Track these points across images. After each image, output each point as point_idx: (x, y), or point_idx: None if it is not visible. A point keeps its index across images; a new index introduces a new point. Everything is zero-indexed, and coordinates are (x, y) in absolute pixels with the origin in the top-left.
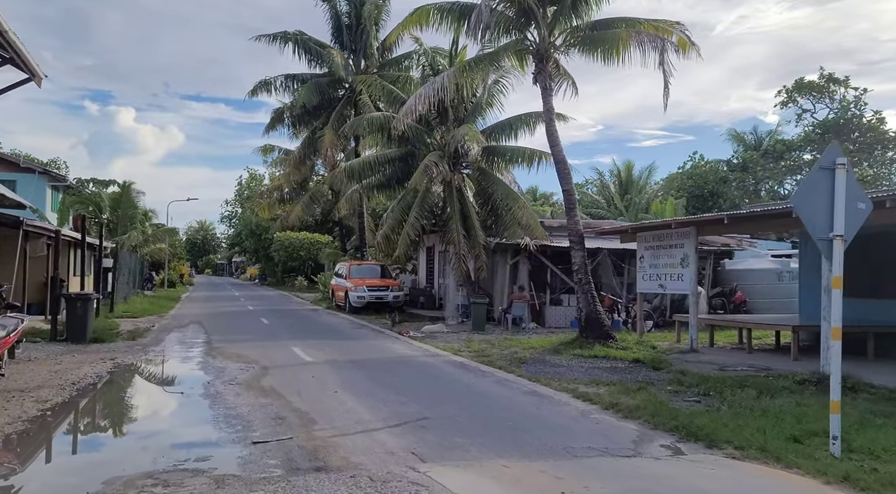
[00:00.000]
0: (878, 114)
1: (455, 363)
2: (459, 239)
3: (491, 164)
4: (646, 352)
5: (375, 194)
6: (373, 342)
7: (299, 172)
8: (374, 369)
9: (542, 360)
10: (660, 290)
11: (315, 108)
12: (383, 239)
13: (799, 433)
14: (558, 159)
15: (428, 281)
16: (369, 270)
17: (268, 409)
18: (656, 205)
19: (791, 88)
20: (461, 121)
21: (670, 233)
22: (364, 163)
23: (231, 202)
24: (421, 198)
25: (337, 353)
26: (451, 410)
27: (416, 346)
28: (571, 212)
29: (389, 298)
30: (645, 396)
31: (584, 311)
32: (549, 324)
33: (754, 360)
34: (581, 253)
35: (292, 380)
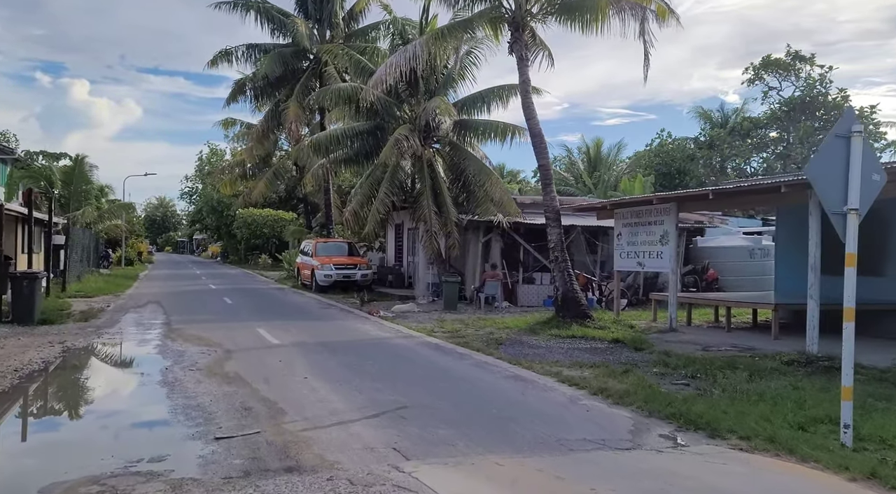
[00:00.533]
0: (842, 92)
1: (430, 345)
2: (431, 215)
3: (463, 139)
4: (624, 332)
5: (343, 169)
6: (342, 322)
7: (262, 147)
8: (345, 352)
9: (519, 341)
10: (638, 268)
11: (278, 80)
12: (351, 215)
13: (803, 420)
14: (534, 133)
15: (397, 260)
16: (336, 248)
17: (232, 399)
18: (625, 183)
19: (758, 66)
20: (432, 93)
21: (650, 209)
22: (331, 137)
23: (191, 178)
24: (391, 174)
25: (305, 335)
26: (430, 397)
27: (388, 327)
28: (547, 188)
29: (357, 277)
30: (633, 380)
31: (560, 290)
32: (522, 303)
33: (735, 339)
34: (557, 230)
35: (258, 365)
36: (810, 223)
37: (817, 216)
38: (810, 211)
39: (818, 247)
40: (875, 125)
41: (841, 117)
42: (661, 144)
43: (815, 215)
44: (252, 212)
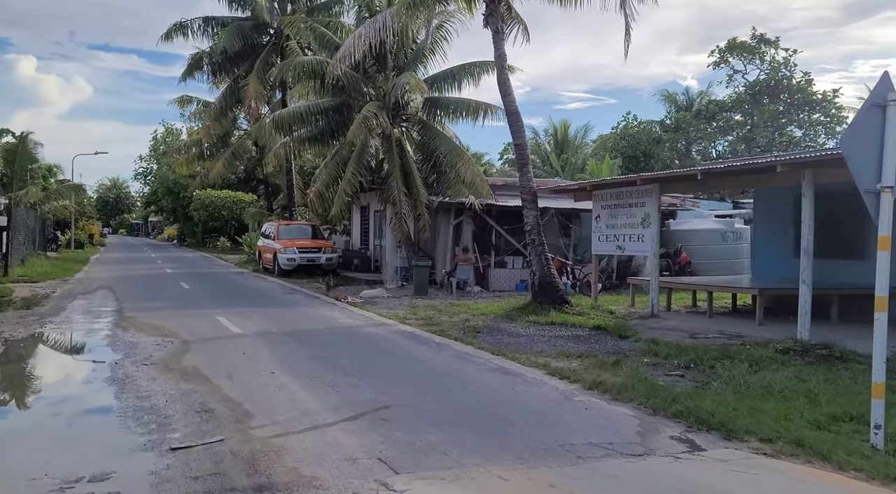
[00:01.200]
0: (807, 76)
1: (405, 333)
2: (400, 197)
3: (433, 117)
4: (605, 318)
5: (307, 148)
6: (308, 309)
7: (220, 125)
8: (314, 342)
9: (497, 329)
10: (618, 252)
11: (237, 55)
12: (316, 196)
13: (822, 418)
14: (510, 110)
15: (363, 243)
16: (299, 230)
17: (190, 398)
18: (592, 165)
19: (724, 48)
20: (401, 69)
21: (631, 190)
22: (294, 114)
23: (145, 158)
24: (358, 153)
25: (270, 323)
26: (413, 394)
27: (358, 314)
28: (524, 169)
29: (322, 260)
30: (627, 372)
31: (537, 275)
32: (494, 288)
33: (720, 325)
34: (534, 212)
35: (220, 358)
36: (803, 204)
37: (810, 197)
38: (803, 192)
39: (811, 229)
40: (837, 109)
41: (876, 84)
42: (626, 127)
43: (808, 196)
44: (210, 194)
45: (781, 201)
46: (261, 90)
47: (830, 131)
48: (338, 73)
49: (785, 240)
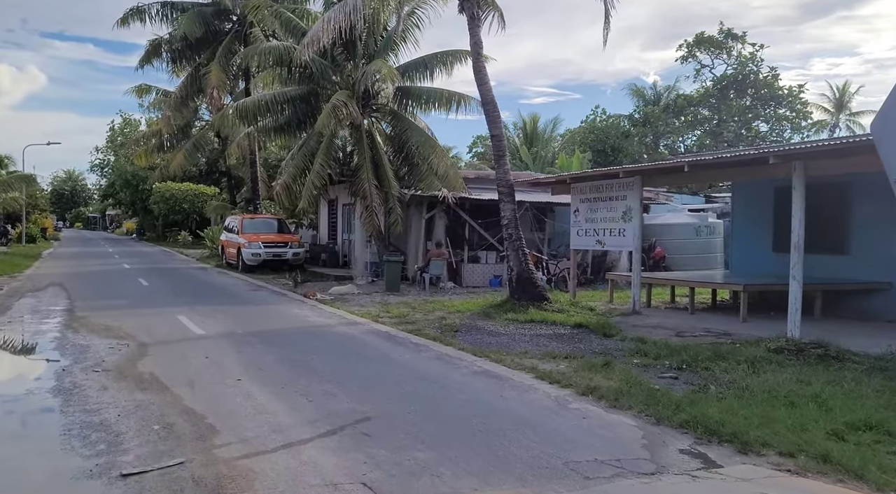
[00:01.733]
0: (773, 71)
1: (380, 333)
2: (371, 190)
3: (405, 108)
4: (586, 316)
5: (272, 138)
6: (276, 307)
7: (181, 115)
8: (283, 344)
9: (475, 327)
10: (597, 247)
11: (198, 42)
12: (283, 189)
13: (838, 426)
14: (487, 100)
15: (330, 237)
16: (265, 224)
17: (147, 411)
18: (562, 159)
19: (692, 43)
20: (371, 57)
21: (611, 183)
22: (259, 103)
23: (102, 149)
24: (326, 144)
25: (235, 323)
26: (395, 403)
27: (328, 312)
28: (501, 161)
29: (289, 256)
30: (619, 375)
31: (515, 271)
32: (467, 283)
33: (704, 322)
34: (511, 206)
35: (180, 364)
36: (794, 198)
37: (801, 190)
38: (794, 185)
39: (801, 224)
40: (802, 104)
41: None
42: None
43: (798, 189)
44: (170, 186)
45: (760, 195)
46: (223, 79)
47: (796, 127)
48: (305, 59)
49: (764, 235)
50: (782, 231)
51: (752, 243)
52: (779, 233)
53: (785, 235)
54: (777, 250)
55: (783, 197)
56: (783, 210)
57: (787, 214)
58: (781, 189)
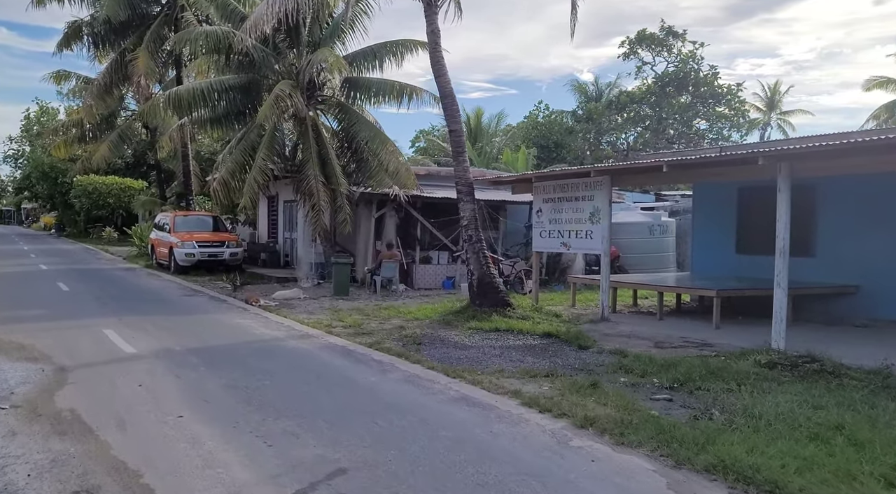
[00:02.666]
0: (713, 69)
1: (336, 348)
2: (318, 187)
3: (353, 100)
4: (553, 323)
5: (208, 130)
6: (216, 316)
7: (104, 104)
8: (230, 365)
9: (439, 339)
10: (562, 249)
11: (123, 26)
12: (221, 185)
13: (886, 470)
14: (445, 92)
15: (271, 236)
16: (199, 222)
17: (66, 469)
18: (507, 155)
19: (633, 40)
20: (316, 45)
21: (577, 183)
22: (193, 92)
23: (16, 139)
24: (269, 138)
25: (171, 337)
26: (371, 446)
27: (275, 322)
28: (460, 158)
29: (226, 256)
30: (613, 399)
31: (475, 275)
32: (419, 285)
33: (678, 330)
34: (471, 205)
35: (108, 395)
36: (779, 200)
37: (787, 192)
38: (779, 186)
39: (787, 227)
40: (740, 102)
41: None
42: (530, 117)
43: (784, 191)
44: (93, 180)
45: (723, 195)
46: (151, 66)
47: (735, 125)
48: (247, 45)
49: (726, 236)
50: (746, 232)
51: (714, 244)
52: (742, 234)
53: (749, 237)
54: (740, 252)
55: (747, 197)
56: (747, 211)
57: (752, 215)
58: (746, 189)
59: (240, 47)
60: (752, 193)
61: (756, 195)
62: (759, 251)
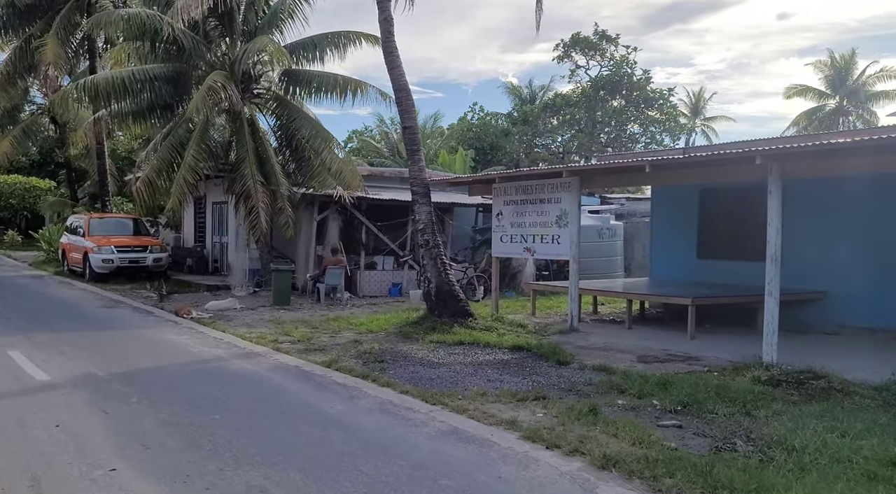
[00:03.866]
0: (646, 73)
1: (290, 370)
2: (257, 187)
3: (292, 94)
4: (519, 335)
5: (130, 125)
6: (144, 331)
7: (6, 96)
8: (169, 395)
9: (402, 355)
10: (525, 255)
11: (29, 9)
12: (145, 185)
13: None
14: (399, 86)
15: (198, 240)
16: (118, 225)
17: None
18: (444, 156)
19: (568, 43)
20: (251, 34)
21: (542, 184)
22: (113, 81)
23: None
24: (200, 134)
25: (93, 360)
26: None
27: (213, 337)
28: (415, 157)
29: (148, 261)
30: (624, 430)
31: (433, 283)
32: (365, 293)
33: (652, 340)
34: (427, 208)
35: (16, 440)
36: (770, 202)
37: (778, 193)
38: (770, 188)
39: (779, 233)
40: (672, 107)
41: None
42: (463, 119)
43: (775, 193)
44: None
45: (684, 198)
46: (61, 54)
47: (668, 129)
48: (176, 30)
49: (688, 240)
50: (708, 236)
51: (674, 249)
52: (704, 238)
53: (711, 241)
54: (702, 256)
55: (710, 200)
56: (710, 214)
57: (714, 219)
58: (709, 191)
59: (167, 33)
60: (716, 195)
61: (719, 197)
62: (722, 256)
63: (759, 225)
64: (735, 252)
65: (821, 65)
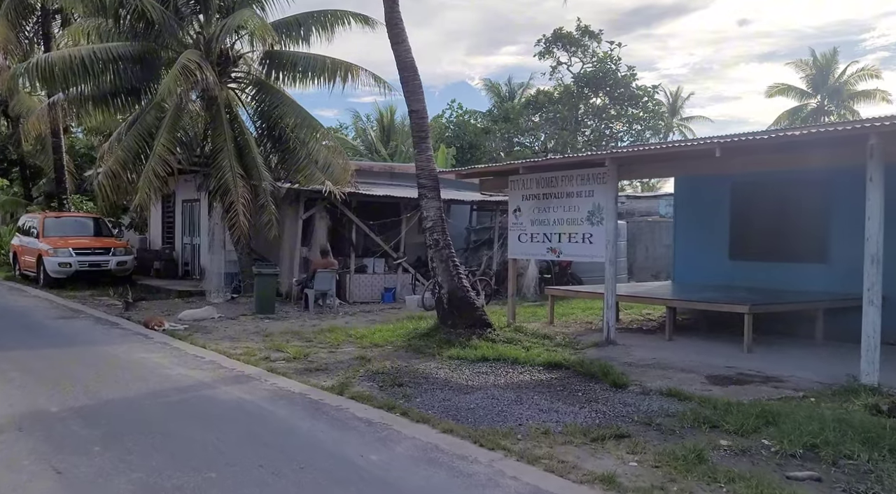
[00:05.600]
0: (631, 70)
1: (295, 399)
2: (236, 182)
3: (275, 78)
4: (549, 349)
5: (91, 111)
6: (108, 348)
7: None
8: (142, 441)
9: (423, 376)
10: (549, 256)
11: None
12: (109, 178)
13: None
14: (405, 64)
15: (166, 241)
16: (76, 225)
17: None
18: None
19: (549, 38)
20: (229, 10)
21: (570, 175)
22: (70, 60)
23: None
24: (172, 120)
25: (45, 388)
26: None
27: (192, 354)
28: (423, 145)
29: (112, 265)
30: (754, 489)
31: (445, 288)
32: (355, 298)
33: (708, 355)
34: (436, 202)
35: None
36: (869, 191)
37: (879, 181)
38: (870, 174)
39: (881, 228)
40: (656, 104)
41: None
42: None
43: (876, 180)
44: None
45: (711, 195)
46: (12, 39)
47: (653, 127)
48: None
49: (717, 241)
50: (743, 235)
51: (703, 249)
52: (738, 237)
53: (746, 240)
54: (735, 257)
55: (743, 195)
56: (743, 210)
57: (749, 215)
58: (741, 185)
59: (134, 4)
60: (749, 189)
61: (754, 192)
62: (757, 256)
63: (800, 222)
64: (773, 252)
65: (802, 64)
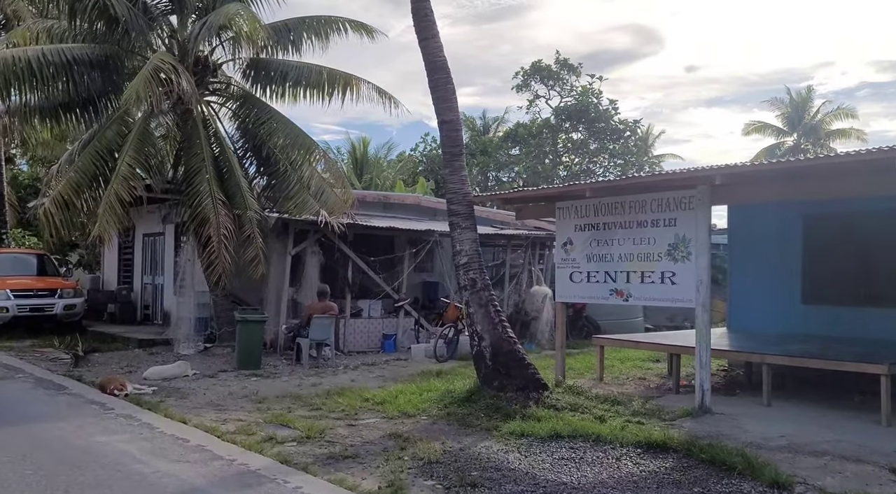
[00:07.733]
0: (613, 104)
1: None
2: (217, 210)
3: (263, 90)
4: (627, 419)
5: (39, 125)
6: (53, 429)
7: None
8: None
9: (495, 466)
10: (615, 300)
11: None
12: (56, 206)
13: None
14: (435, 65)
15: (123, 281)
16: (15, 263)
17: None
18: (400, 187)
19: (528, 71)
20: (206, 10)
21: (643, 200)
22: (14, 62)
23: None
24: (140, 134)
25: None
26: None
27: (169, 435)
28: (455, 163)
29: (58, 309)
30: None
31: (487, 340)
32: (351, 348)
33: (836, 432)
34: (472, 233)
35: None
36: None
37: None
38: None
39: None
40: (640, 139)
41: None
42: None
43: None
44: None
45: (777, 228)
46: None
47: (637, 164)
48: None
49: (787, 281)
50: (821, 276)
51: (767, 291)
52: (812, 278)
53: (825, 282)
54: (809, 301)
55: (820, 229)
56: (820, 247)
57: (828, 253)
58: (816, 218)
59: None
60: (828, 223)
61: (834, 226)
62: (841, 301)
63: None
64: (862, 296)
65: (778, 102)
